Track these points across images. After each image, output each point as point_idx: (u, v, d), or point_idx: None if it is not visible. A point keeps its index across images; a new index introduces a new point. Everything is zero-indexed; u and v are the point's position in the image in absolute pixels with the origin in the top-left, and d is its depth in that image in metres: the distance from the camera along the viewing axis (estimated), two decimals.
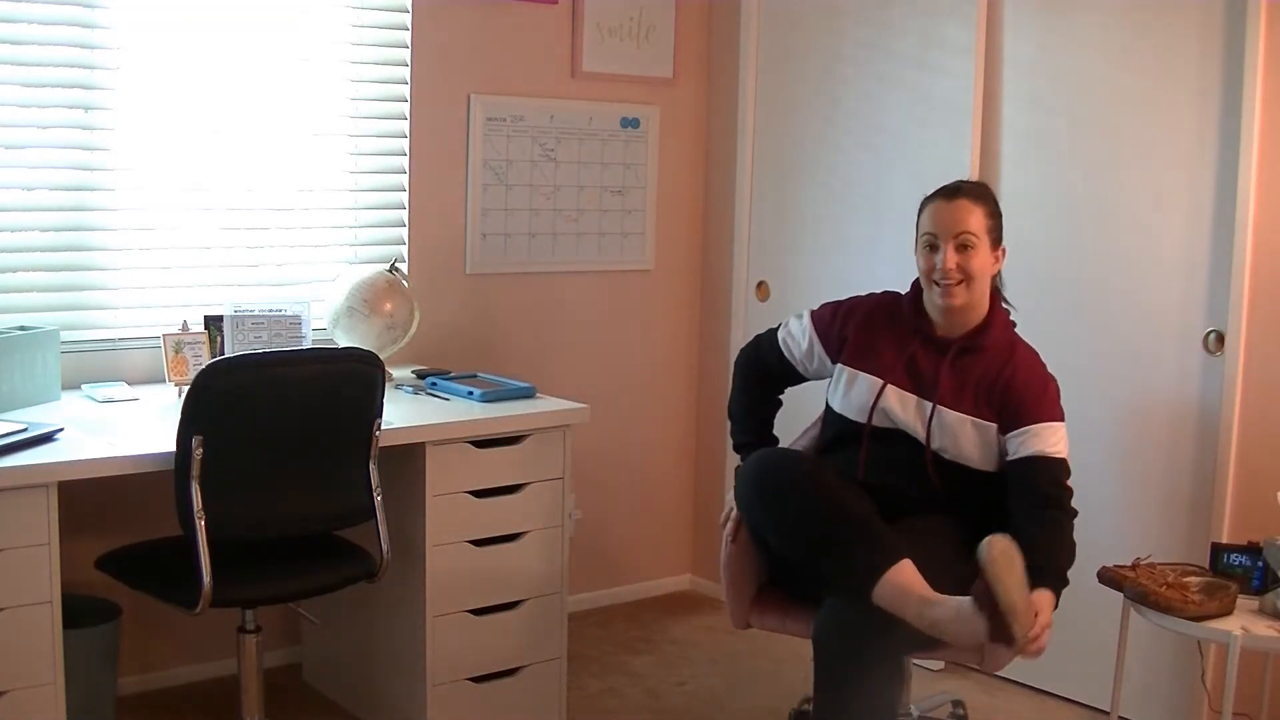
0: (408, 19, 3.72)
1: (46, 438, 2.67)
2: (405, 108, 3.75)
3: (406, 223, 3.79)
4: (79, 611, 2.94)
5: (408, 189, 3.78)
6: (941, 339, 2.82)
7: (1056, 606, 2.58)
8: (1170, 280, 3.29)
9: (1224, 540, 3.09)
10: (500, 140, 3.92)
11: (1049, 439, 2.70)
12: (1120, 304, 3.38)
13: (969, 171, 3.59)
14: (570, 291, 4.14)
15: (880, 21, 3.84)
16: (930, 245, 2.77)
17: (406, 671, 3.15)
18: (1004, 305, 2.88)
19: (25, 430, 2.65)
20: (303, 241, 3.64)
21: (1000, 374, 2.76)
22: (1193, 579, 2.80)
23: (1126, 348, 3.37)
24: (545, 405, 3.27)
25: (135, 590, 2.78)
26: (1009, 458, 2.73)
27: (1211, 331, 3.21)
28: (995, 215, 2.81)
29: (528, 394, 3.33)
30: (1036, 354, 2.84)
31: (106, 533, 3.00)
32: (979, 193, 2.82)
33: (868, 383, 2.84)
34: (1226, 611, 2.71)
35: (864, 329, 2.90)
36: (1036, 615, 2.45)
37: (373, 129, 3.73)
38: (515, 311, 4.03)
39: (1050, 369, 2.82)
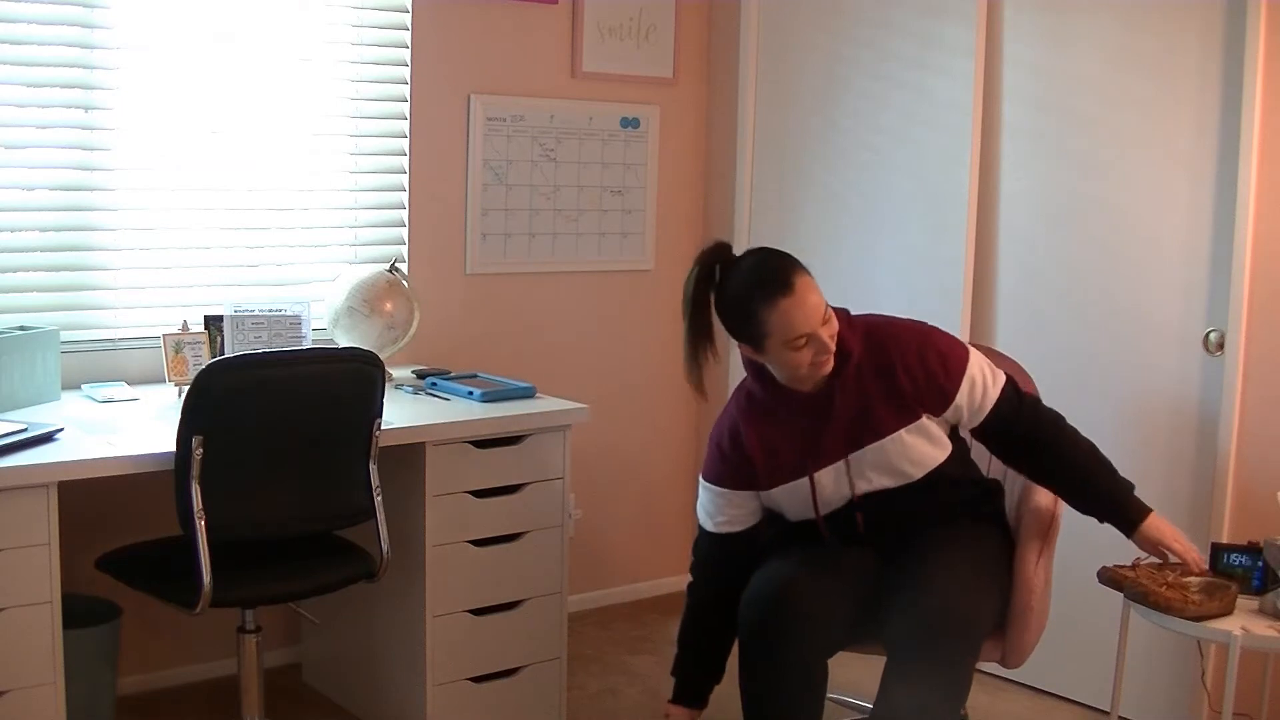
0: (408, 19, 3.72)
1: (46, 438, 2.67)
2: (405, 108, 3.75)
3: (406, 223, 3.79)
4: (79, 611, 2.94)
5: (408, 189, 3.78)
6: (815, 395, 2.62)
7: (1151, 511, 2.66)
8: (1170, 280, 3.29)
9: (1224, 540, 3.09)
10: (500, 140, 3.92)
11: (982, 386, 2.62)
12: (1120, 304, 3.38)
13: (969, 171, 3.59)
14: (571, 291, 4.14)
15: (880, 22, 3.84)
16: (799, 345, 2.50)
17: (406, 671, 3.15)
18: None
19: (25, 430, 2.65)
20: (303, 241, 3.64)
21: (891, 375, 2.60)
22: (1193, 579, 2.80)
23: (1127, 348, 3.37)
24: (545, 405, 3.27)
25: (135, 590, 2.78)
26: (967, 427, 2.68)
27: (1211, 331, 3.21)
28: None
29: (528, 394, 3.33)
30: (887, 323, 2.67)
31: (106, 533, 3.00)
32: (795, 264, 2.54)
33: (797, 488, 2.67)
34: (1226, 611, 2.70)
35: (760, 447, 2.68)
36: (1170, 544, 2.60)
37: (373, 129, 3.73)
38: (515, 311, 4.03)
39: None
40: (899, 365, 2.60)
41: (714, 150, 4.37)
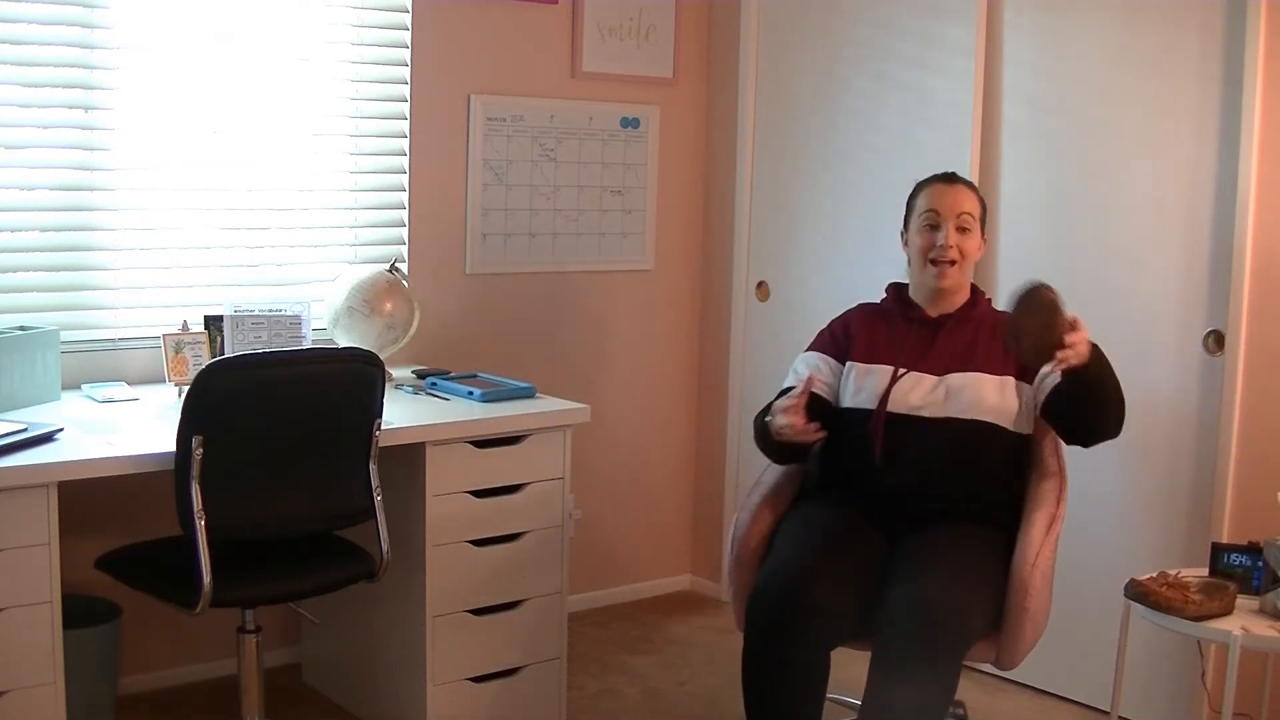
0: (408, 19, 3.73)
1: (46, 438, 2.67)
2: (405, 108, 3.75)
3: (406, 223, 3.79)
4: (79, 611, 2.95)
5: (408, 189, 3.78)
6: (935, 318, 2.95)
7: (1089, 360, 2.64)
8: (1170, 280, 3.29)
9: (1224, 540, 3.09)
10: (500, 140, 3.92)
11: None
12: (1120, 304, 3.38)
13: (969, 172, 3.59)
14: (570, 291, 4.14)
15: (880, 21, 3.84)
16: (931, 224, 2.91)
17: (406, 671, 3.15)
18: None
19: (25, 430, 2.65)
20: (303, 241, 3.64)
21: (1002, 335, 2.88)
22: (1192, 579, 2.80)
23: (1126, 348, 3.35)
24: (545, 405, 3.27)
25: (135, 590, 2.78)
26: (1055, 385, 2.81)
27: (1211, 331, 3.21)
28: (983, 206, 2.99)
29: (528, 394, 3.33)
30: None
31: (106, 533, 3.00)
32: (971, 184, 3.02)
33: (881, 371, 2.91)
34: (1226, 611, 2.70)
35: (866, 330, 3.00)
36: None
37: (373, 129, 3.73)
38: (515, 311, 4.03)
39: None
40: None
41: (714, 150, 4.37)
